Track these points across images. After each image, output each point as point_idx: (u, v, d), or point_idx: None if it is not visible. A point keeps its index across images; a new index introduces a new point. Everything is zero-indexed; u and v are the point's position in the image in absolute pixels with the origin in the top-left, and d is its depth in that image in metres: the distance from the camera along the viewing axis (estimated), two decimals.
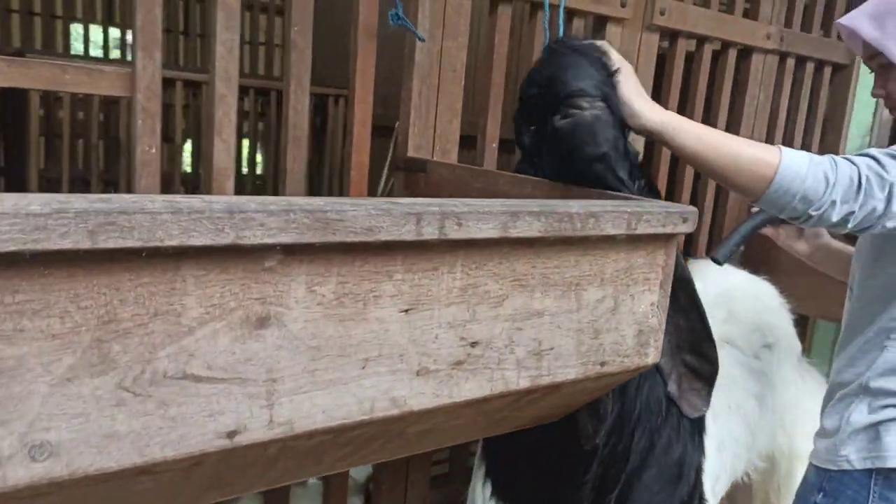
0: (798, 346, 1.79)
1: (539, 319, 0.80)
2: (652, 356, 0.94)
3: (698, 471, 1.22)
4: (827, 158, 1.02)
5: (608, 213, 0.80)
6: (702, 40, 1.91)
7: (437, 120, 1.46)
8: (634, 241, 0.86)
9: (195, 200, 0.55)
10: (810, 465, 1.28)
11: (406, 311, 0.69)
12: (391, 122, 1.52)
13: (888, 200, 0.99)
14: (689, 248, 2.07)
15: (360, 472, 1.69)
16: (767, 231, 1.57)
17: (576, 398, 0.99)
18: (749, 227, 1.51)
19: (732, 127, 2.06)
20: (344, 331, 0.66)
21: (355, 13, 1.33)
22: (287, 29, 1.27)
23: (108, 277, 0.53)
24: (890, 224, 1.01)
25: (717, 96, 2.02)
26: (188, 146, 4.04)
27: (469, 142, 1.60)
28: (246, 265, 0.59)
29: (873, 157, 1.01)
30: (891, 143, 2.65)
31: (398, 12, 1.33)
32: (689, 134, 1.04)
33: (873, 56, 1.19)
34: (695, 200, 2.06)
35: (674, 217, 0.87)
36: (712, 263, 1.55)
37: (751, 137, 2.00)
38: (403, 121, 1.45)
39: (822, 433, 1.26)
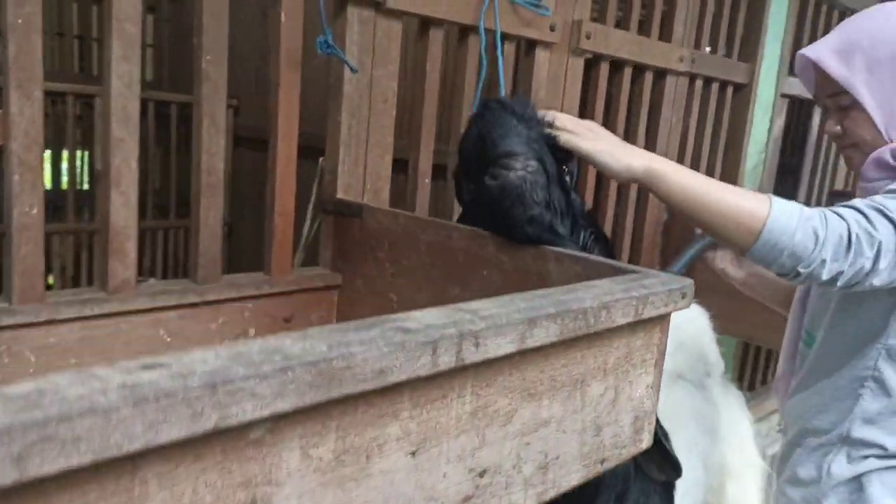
0: (723, 365, 1.81)
1: (546, 429, 0.70)
2: (646, 441, 0.86)
3: None
4: (817, 213, 0.98)
5: (619, 303, 0.71)
6: (622, 63, 1.89)
7: (367, 156, 1.32)
8: (638, 325, 0.78)
9: (161, 375, 0.39)
10: None
11: (413, 453, 0.57)
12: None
13: (876, 258, 0.97)
14: None
15: None
16: (709, 254, 1.55)
17: None
18: (695, 251, 1.49)
19: (649, 147, 2.06)
20: (344, 495, 0.52)
21: (275, 40, 1.16)
22: (198, 58, 1.08)
23: None
24: (877, 282, 0.99)
25: (634, 118, 2.01)
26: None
27: (398, 165, 1.47)
28: (226, 444, 0.44)
29: (861, 212, 0.99)
30: (781, 157, 2.80)
31: (327, 40, 1.17)
32: (673, 183, 0.98)
33: (834, 94, 1.16)
34: (617, 219, 2.04)
35: (675, 295, 0.79)
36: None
37: (664, 157, 2.01)
38: (331, 157, 1.29)
39: (796, 482, 1.24)
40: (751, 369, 3.05)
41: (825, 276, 0.98)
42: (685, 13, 2.06)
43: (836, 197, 3.33)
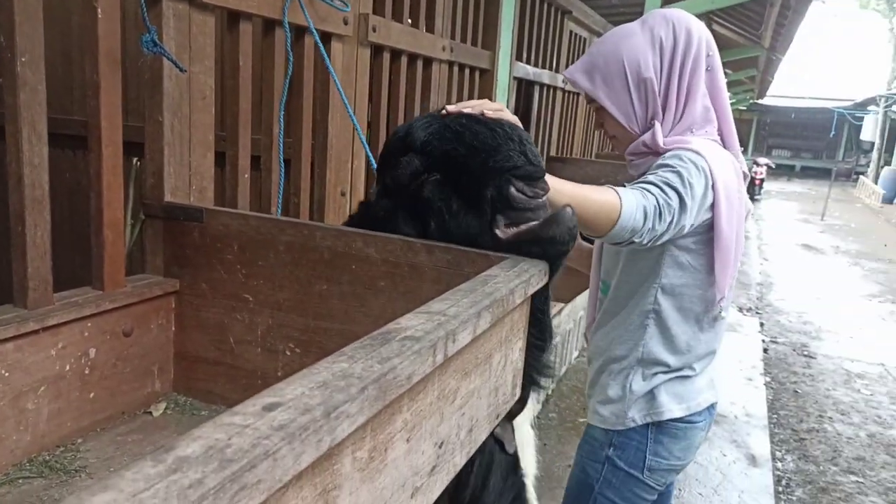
0: None
1: (472, 399, 0.83)
2: (519, 393, 1.04)
3: (524, 486, 1.40)
4: (640, 195, 1.25)
5: (518, 287, 0.86)
6: (399, 53, 2.03)
7: (191, 156, 1.28)
8: (522, 302, 0.94)
9: (293, 412, 0.44)
10: (594, 427, 1.56)
11: (408, 439, 0.66)
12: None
13: (670, 221, 1.28)
14: None
15: None
16: None
17: None
18: None
19: None
20: (373, 487, 0.60)
21: (92, 39, 1.07)
22: (11, 60, 0.95)
23: None
24: (668, 237, 1.31)
25: (410, 102, 2.17)
26: None
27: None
28: (316, 462, 0.50)
29: (659, 188, 1.28)
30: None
31: (153, 37, 1.11)
32: (564, 195, 1.17)
33: (590, 101, 1.47)
34: None
35: (542, 274, 0.97)
36: None
37: None
38: (155, 160, 1.23)
39: (606, 401, 1.53)
40: None
41: (646, 240, 1.28)
42: (443, 7, 2.26)
43: (554, 162, 3.92)
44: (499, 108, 1.14)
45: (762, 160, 17.73)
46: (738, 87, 16.90)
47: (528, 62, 3.30)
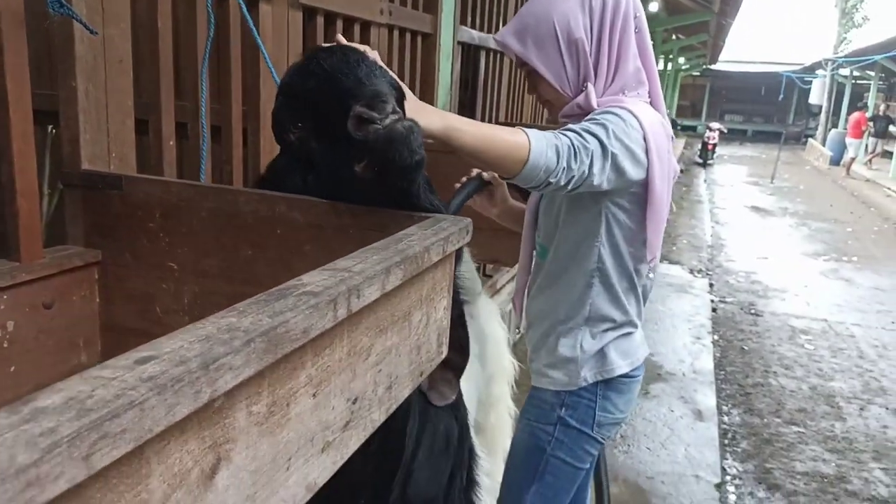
0: (479, 284, 2.11)
1: (390, 356, 0.83)
2: (445, 349, 1.05)
3: (464, 430, 1.41)
4: (552, 135, 1.25)
5: (434, 245, 0.86)
6: (334, 16, 1.99)
7: (109, 122, 1.24)
8: (442, 260, 0.94)
9: (165, 365, 0.44)
10: (544, 390, 1.58)
11: (314, 394, 0.66)
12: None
13: (591, 164, 1.30)
14: None
15: None
16: (469, 201, 1.77)
17: None
18: (463, 196, 1.70)
19: None
20: (274, 440, 0.60)
21: None
22: None
23: None
24: (595, 181, 1.32)
25: None
26: None
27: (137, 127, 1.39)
28: (200, 415, 0.49)
29: (576, 132, 1.29)
30: (461, 95, 3.20)
31: None
32: (466, 134, 1.15)
33: (523, 64, 1.46)
34: None
35: (464, 232, 0.98)
36: None
37: None
38: (70, 127, 1.19)
39: (556, 363, 1.55)
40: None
41: (563, 181, 1.28)
42: None
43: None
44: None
45: (714, 125, 18.03)
46: (691, 53, 17.10)
47: (473, 26, 3.28)
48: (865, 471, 3.56)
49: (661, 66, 15.74)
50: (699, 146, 18.28)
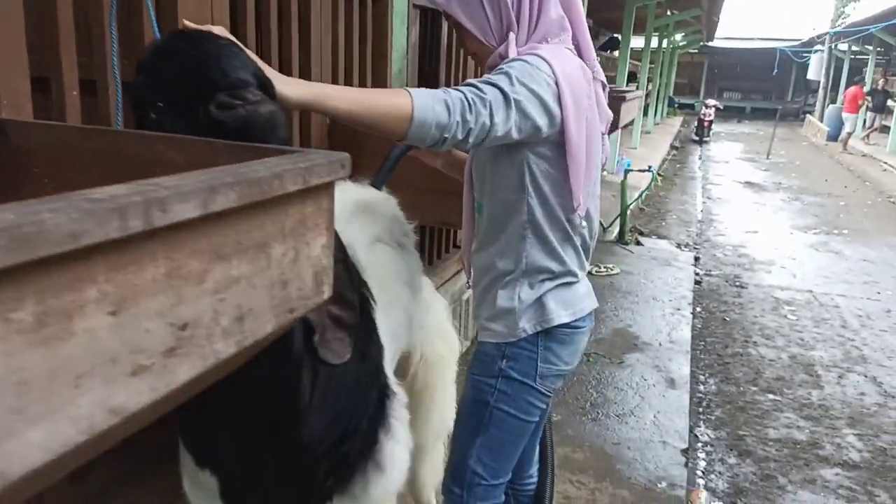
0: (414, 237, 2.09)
1: (238, 286, 0.80)
2: (327, 292, 1.02)
3: (379, 367, 1.39)
4: (441, 91, 1.22)
5: (289, 173, 0.82)
6: None
7: None
8: (307, 193, 0.91)
9: None
10: (486, 343, 1.58)
11: (113, 312, 0.63)
12: None
13: (491, 115, 1.25)
14: None
15: None
16: (414, 152, 1.75)
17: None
18: (397, 154, 1.68)
19: (303, 58, 2.18)
20: (51, 353, 0.57)
21: None
22: None
23: None
24: (500, 132, 1.28)
25: (286, 31, 2.09)
26: None
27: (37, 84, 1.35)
28: None
29: (472, 85, 1.26)
30: (421, 64, 3.15)
31: None
32: (340, 100, 1.12)
33: (448, 17, 1.43)
34: None
35: (335, 166, 0.94)
36: (349, 182, 1.73)
37: (319, 68, 2.15)
38: None
39: (496, 315, 1.54)
40: (429, 247, 3.48)
41: (461, 134, 1.24)
42: None
43: None
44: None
45: (710, 102, 17.90)
46: (686, 28, 16.93)
47: None
48: (839, 437, 3.54)
49: (656, 43, 15.61)
50: (695, 123, 18.17)
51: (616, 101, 4.27)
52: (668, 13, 13.00)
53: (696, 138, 17.40)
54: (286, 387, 1.18)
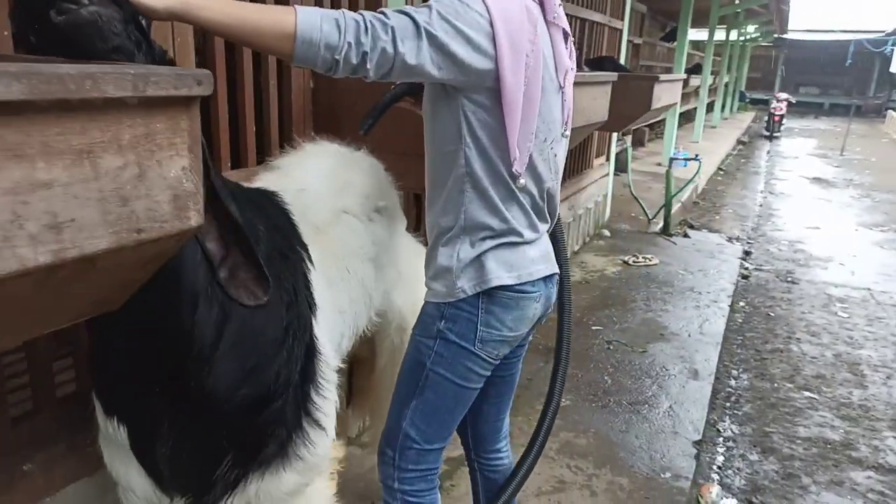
0: (404, 218, 2.03)
1: (49, 191, 0.77)
2: (194, 219, 0.97)
3: (307, 324, 1.35)
4: (336, 11, 1.16)
5: (108, 75, 0.78)
6: None
7: None
8: (149, 105, 0.86)
9: None
10: (428, 303, 1.49)
11: None
12: None
13: (394, 42, 1.18)
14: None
15: None
16: (403, 104, 1.68)
17: (127, 272, 0.98)
18: (385, 102, 1.63)
19: None
20: None
21: None
22: None
23: None
24: (408, 62, 1.20)
25: None
26: None
27: None
28: None
29: (380, 12, 1.19)
30: None
31: None
32: (212, 10, 1.07)
33: None
34: (259, 89, 2.12)
35: (187, 79, 0.89)
36: (327, 142, 1.73)
37: None
38: None
39: (436, 275, 1.46)
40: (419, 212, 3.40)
41: (355, 58, 1.17)
42: None
43: None
44: None
45: (781, 95, 17.11)
46: (756, 19, 16.20)
47: None
48: (878, 439, 3.28)
49: (722, 35, 15.00)
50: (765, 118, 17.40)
51: (644, 81, 4.09)
52: (735, 1, 12.44)
53: (766, 133, 16.66)
54: (183, 325, 1.15)
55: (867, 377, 3.96)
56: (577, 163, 5.49)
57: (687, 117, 13.57)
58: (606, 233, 6.33)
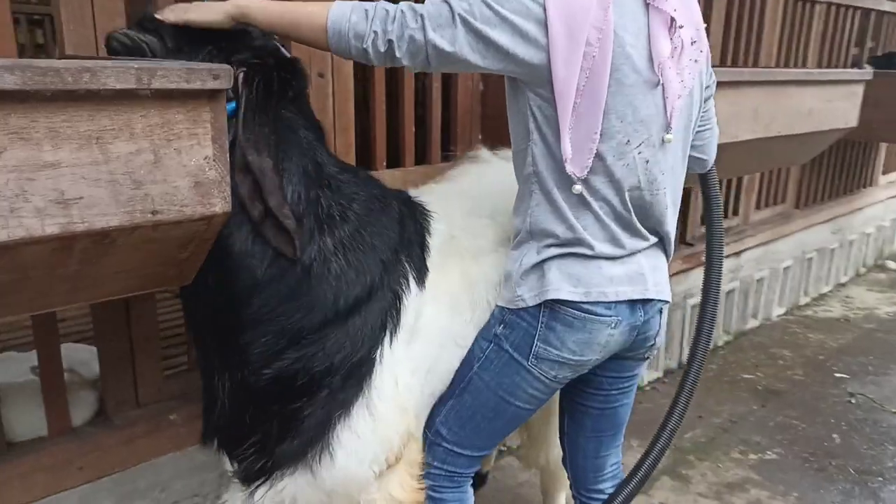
0: None
1: (55, 171, 0.88)
2: (220, 206, 1.03)
3: (372, 325, 1.32)
4: (372, 3, 1.16)
5: (107, 69, 0.87)
6: None
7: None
8: (166, 97, 0.94)
9: None
10: (496, 307, 1.41)
11: None
12: None
13: (424, 29, 1.15)
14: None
15: (90, 370, 1.74)
16: None
17: (165, 251, 1.08)
18: None
19: None
20: None
21: None
22: None
23: None
24: (445, 50, 1.16)
25: None
26: None
27: None
28: None
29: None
30: None
31: None
32: (260, 11, 1.16)
33: None
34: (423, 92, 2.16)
35: (200, 73, 0.95)
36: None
37: None
38: None
39: (505, 279, 1.38)
40: None
41: (382, 46, 1.16)
42: None
43: None
44: None
45: None
46: None
47: None
48: None
49: None
50: None
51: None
52: None
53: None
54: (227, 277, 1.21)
55: None
56: (846, 178, 4.65)
57: None
58: (892, 265, 5.27)
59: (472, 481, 1.54)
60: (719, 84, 1.52)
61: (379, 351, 1.33)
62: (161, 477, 1.73)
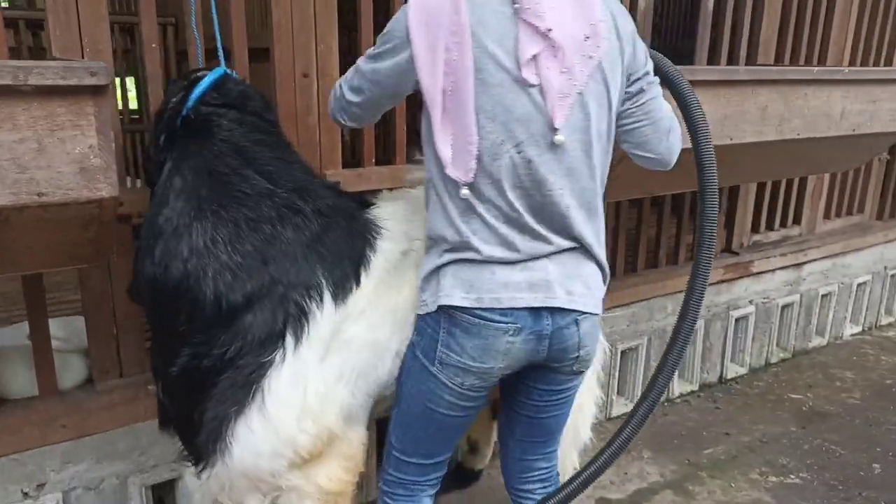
0: None
1: None
2: (106, 190, 1.15)
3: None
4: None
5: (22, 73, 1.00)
6: None
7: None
8: (47, 93, 1.06)
9: None
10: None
11: None
12: None
13: (342, 90, 1.42)
14: None
15: (83, 340, 1.92)
16: None
17: (67, 230, 1.20)
18: None
19: None
20: None
21: None
22: None
23: None
24: (363, 100, 1.39)
25: None
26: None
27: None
28: None
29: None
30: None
31: None
32: None
33: None
34: None
35: (77, 72, 1.07)
36: None
37: None
38: None
39: (420, 283, 1.38)
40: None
41: (337, 115, 1.47)
42: None
43: None
44: None
45: None
46: None
47: None
48: None
49: None
50: None
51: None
52: None
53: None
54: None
55: None
56: None
57: None
58: None
59: (432, 491, 1.54)
60: (712, 82, 1.44)
61: (277, 356, 1.37)
62: (140, 441, 1.90)
